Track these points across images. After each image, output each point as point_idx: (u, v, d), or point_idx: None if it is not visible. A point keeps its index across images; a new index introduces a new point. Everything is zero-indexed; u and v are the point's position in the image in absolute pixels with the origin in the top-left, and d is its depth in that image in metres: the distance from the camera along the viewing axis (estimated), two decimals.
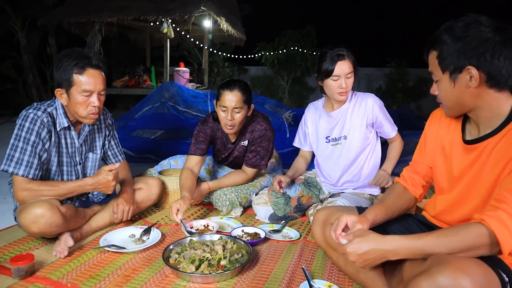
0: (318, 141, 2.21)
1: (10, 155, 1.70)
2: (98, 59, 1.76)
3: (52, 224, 1.65)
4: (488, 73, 1.05)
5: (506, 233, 0.99)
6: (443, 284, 0.95)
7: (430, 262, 1.03)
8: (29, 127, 1.70)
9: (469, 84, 1.07)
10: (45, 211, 1.63)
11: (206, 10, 6.21)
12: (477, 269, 0.98)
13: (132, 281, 1.49)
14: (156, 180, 2.23)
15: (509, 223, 0.99)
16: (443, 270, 0.96)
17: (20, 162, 1.69)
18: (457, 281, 0.94)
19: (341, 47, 1.97)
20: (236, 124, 2.16)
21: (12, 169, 1.68)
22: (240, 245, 1.70)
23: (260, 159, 2.31)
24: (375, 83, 9.64)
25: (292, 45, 9.23)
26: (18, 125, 1.72)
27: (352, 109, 2.08)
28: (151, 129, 4.88)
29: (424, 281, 0.97)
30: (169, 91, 5.20)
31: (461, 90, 1.10)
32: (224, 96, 2.12)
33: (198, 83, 7.34)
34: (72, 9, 6.42)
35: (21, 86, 8.15)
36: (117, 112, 8.02)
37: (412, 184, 1.42)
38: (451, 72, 1.09)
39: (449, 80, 1.11)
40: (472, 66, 1.05)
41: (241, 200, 2.29)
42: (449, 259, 1.00)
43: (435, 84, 1.18)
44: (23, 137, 1.70)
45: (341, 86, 1.96)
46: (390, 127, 2.10)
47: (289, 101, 9.79)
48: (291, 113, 5.02)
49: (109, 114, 2.10)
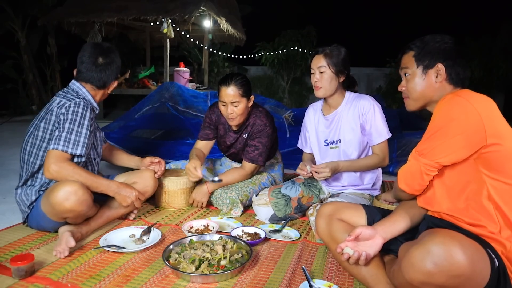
0: (319, 144, 2.21)
1: (69, 138, 1.79)
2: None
3: (83, 203, 1.73)
4: (450, 73, 1.32)
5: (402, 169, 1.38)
6: (434, 251, 1.00)
7: (422, 235, 1.12)
8: (82, 112, 1.85)
9: (435, 79, 1.33)
10: (77, 189, 1.70)
11: (206, 10, 6.21)
12: (467, 240, 1.05)
13: (132, 281, 1.50)
14: (149, 172, 2.20)
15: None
16: (434, 238, 1.04)
17: (77, 143, 1.81)
18: (447, 247, 1.00)
19: (333, 45, 2.02)
20: (236, 116, 2.25)
21: (70, 149, 1.78)
22: (240, 245, 1.70)
23: (259, 155, 2.34)
24: (375, 83, 9.64)
25: (292, 45, 9.23)
26: (71, 111, 1.83)
27: (347, 112, 2.08)
28: (151, 129, 4.88)
29: (416, 250, 1.04)
30: (169, 91, 5.19)
31: (428, 82, 1.34)
32: (222, 91, 2.22)
33: (198, 83, 7.34)
34: (72, 9, 6.42)
35: (21, 86, 8.15)
36: (117, 112, 8.03)
37: None
38: (424, 67, 1.34)
39: (421, 73, 1.35)
40: (441, 64, 1.31)
41: (241, 198, 2.30)
42: (441, 230, 1.08)
43: (404, 80, 1.41)
44: (78, 121, 1.83)
45: (314, 79, 2.03)
46: (377, 136, 2.02)
47: (289, 101, 9.79)
48: (291, 113, 5.02)
49: None
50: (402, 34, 12.74)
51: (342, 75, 2.03)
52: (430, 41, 1.35)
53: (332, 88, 2.03)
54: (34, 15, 7.39)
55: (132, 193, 1.95)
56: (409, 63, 1.38)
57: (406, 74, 1.39)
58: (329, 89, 2.03)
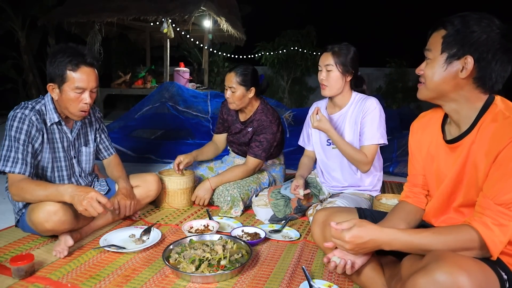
0: (321, 143, 2.21)
1: (5, 156, 1.70)
2: (92, 57, 1.77)
3: (65, 222, 1.67)
4: (480, 71, 1.09)
5: (492, 237, 1.02)
6: (440, 280, 0.95)
7: (428, 259, 1.04)
8: (18, 126, 1.71)
9: (459, 73, 1.11)
10: (58, 209, 1.64)
11: (206, 10, 6.21)
12: (475, 265, 0.99)
13: (132, 281, 1.49)
14: (153, 177, 2.22)
15: (494, 228, 1.02)
16: (440, 266, 0.97)
17: (16, 160, 1.70)
18: (454, 277, 0.94)
19: (343, 44, 2.01)
20: (233, 102, 2.38)
21: (8, 168, 1.69)
22: (240, 245, 1.70)
23: (262, 151, 2.38)
24: (375, 83, 9.64)
25: (292, 45, 9.23)
26: (8, 126, 1.73)
27: (351, 112, 2.06)
28: (151, 129, 4.88)
29: (421, 278, 0.98)
30: (169, 91, 5.20)
31: (449, 74, 1.12)
32: (225, 76, 2.42)
33: (198, 83, 7.34)
34: (72, 9, 6.42)
35: (21, 86, 8.16)
36: (117, 112, 8.03)
37: (414, 196, 1.40)
38: (449, 56, 1.11)
39: (444, 62, 1.12)
40: (471, 58, 1.08)
41: (243, 197, 2.30)
42: (447, 255, 1.00)
43: (425, 63, 1.19)
44: (13, 136, 1.71)
45: (320, 77, 2.02)
46: (368, 137, 1.98)
47: (289, 101, 9.79)
48: (291, 113, 5.03)
49: (97, 108, 2.13)
50: (402, 34, 12.75)
51: (350, 75, 2.02)
52: (472, 23, 1.07)
53: (338, 87, 2.02)
54: (34, 15, 7.39)
55: (88, 194, 1.62)
56: (433, 45, 1.15)
57: (428, 56, 1.17)
58: (335, 88, 2.02)
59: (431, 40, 1.17)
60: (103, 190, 2.10)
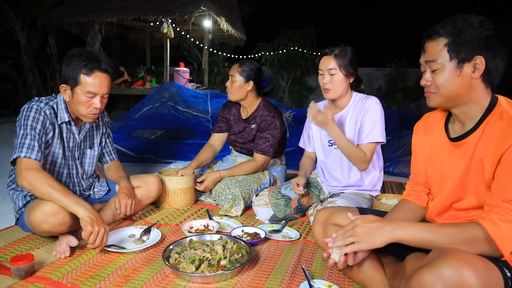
0: (322, 144, 2.21)
1: (20, 143, 1.69)
2: (107, 63, 1.79)
3: (63, 223, 1.67)
4: (489, 68, 1.10)
5: (499, 233, 1.02)
6: (446, 275, 0.96)
7: (433, 254, 1.05)
8: (34, 116, 1.73)
9: (471, 75, 1.11)
10: (56, 210, 1.64)
11: (206, 10, 6.21)
12: (480, 262, 1.00)
13: (132, 281, 1.49)
14: (154, 178, 2.23)
15: (502, 224, 1.02)
16: (446, 261, 0.98)
17: (31, 147, 1.69)
18: (460, 272, 0.95)
19: (341, 46, 1.99)
20: (231, 92, 2.45)
21: (24, 153, 1.66)
22: (240, 245, 1.70)
23: (270, 146, 2.41)
24: (375, 83, 9.64)
25: (292, 45, 9.24)
26: (23, 116, 1.73)
27: (352, 112, 2.06)
28: (151, 129, 4.88)
29: (427, 272, 0.99)
30: (169, 91, 5.21)
31: (464, 79, 1.12)
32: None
33: (198, 83, 7.34)
34: (72, 9, 6.43)
35: (21, 86, 8.16)
36: (117, 112, 8.03)
37: (416, 195, 1.42)
38: (460, 61, 1.11)
39: (455, 68, 1.12)
40: (481, 57, 1.09)
41: (244, 195, 2.30)
42: (452, 251, 1.01)
43: (429, 73, 1.18)
44: (29, 125, 1.71)
45: (323, 81, 2.00)
46: (367, 134, 1.97)
47: (289, 101, 9.79)
48: (291, 113, 5.03)
49: (106, 113, 2.14)
50: (402, 34, 12.75)
51: (352, 76, 2.02)
52: (467, 26, 1.10)
53: (342, 90, 2.01)
54: (34, 15, 7.40)
55: (105, 225, 1.65)
56: (437, 54, 1.14)
57: (433, 67, 1.16)
58: (339, 91, 2.02)
59: (431, 51, 1.16)
60: (103, 190, 2.11)
